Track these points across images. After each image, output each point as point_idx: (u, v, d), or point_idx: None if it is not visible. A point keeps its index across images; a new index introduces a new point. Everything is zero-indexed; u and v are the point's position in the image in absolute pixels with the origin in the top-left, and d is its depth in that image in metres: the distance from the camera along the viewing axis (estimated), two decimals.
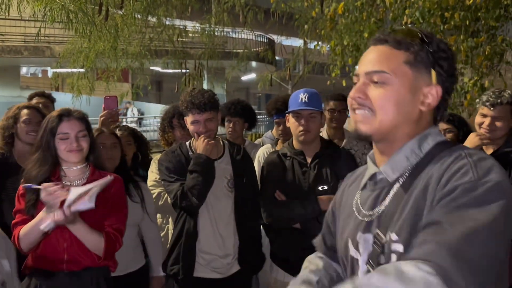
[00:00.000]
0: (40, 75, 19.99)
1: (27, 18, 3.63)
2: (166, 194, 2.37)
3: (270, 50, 11.57)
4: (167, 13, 5.22)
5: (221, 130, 2.63)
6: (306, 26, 5.86)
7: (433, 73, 0.86)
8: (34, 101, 2.87)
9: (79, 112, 1.85)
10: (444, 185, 0.77)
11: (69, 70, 6.44)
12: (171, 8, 5.18)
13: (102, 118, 2.46)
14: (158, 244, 2.39)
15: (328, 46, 5.71)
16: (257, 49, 12.80)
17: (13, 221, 1.80)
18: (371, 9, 4.72)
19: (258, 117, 3.30)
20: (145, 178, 2.59)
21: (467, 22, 3.73)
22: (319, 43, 6.17)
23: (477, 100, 2.16)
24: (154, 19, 5.26)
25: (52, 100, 3.01)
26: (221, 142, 2.27)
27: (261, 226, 2.37)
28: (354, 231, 0.94)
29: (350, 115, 0.93)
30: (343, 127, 2.97)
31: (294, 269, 1.23)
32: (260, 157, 2.79)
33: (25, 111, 2.33)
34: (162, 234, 2.63)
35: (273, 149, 2.76)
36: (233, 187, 2.18)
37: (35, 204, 1.74)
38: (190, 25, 6.82)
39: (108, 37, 4.21)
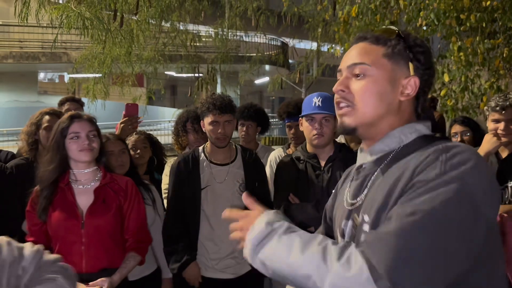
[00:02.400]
0: (57, 81, 20.37)
1: (45, 25, 3.71)
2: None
3: (283, 53, 11.58)
4: (181, 18, 5.27)
5: (234, 134, 2.65)
6: (319, 30, 5.85)
7: (411, 65, 0.90)
8: (65, 106, 2.90)
9: (88, 115, 1.89)
10: (412, 177, 0.79)
11: (85, 75, 6.55)
12: (184, 13, 5.23)
13: (122, 125, 2.48)
14: None
15: (342, 48, 5.69)
16: (270, 52, 12.82)
17: (27, 226, 1.84)
18: (385, 11, 4.69)
19: (271, 120, 3.30)
20: (159, 182, 2.62)
21: (484, 24, 3.67)
22: (333, 45, 6.15)
23: (485, 107, 2.12)
24: (168, 25, 5.31)
25: (81, 104, 3.05)
26: (233, 146, 2.30)
27: None
28: (341, 220, 0.98)
29: (336, 110, 0.95)
30: None
31: None
32: (272, 161, 2.79)
33: (46, 117, 2.36)
34: None
35: (285, 153, 2.76)
36: (245, 191, 2.19)
37: (46, 209, 1.77)
38: (204, 30, 6.87)
39: (123, 43, 4.27)
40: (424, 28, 4.52)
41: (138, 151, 2.54)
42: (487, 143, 1.98)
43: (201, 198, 2.15)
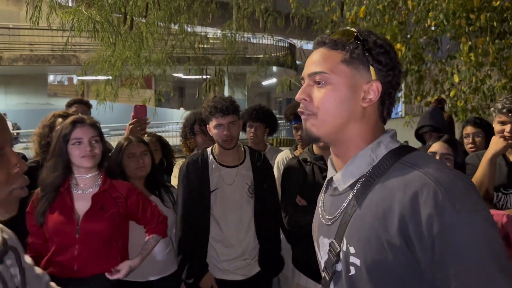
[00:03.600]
0: (66, 83, 20.57)
1: (55, 28, 3.75)
2: None
3: (291, 54, 11.56)
4: (189, 21, 5.29)
5: (242, 135, 2.65)
6: (327, 31, 5.84)
7: (372, 69, 0.87)
8: (73, 108, 2.92)
9: (91, 119, 1.87)
10: (426, 223, 0.75)
11: (94, 77, 6.60)
12: (192, 16, 5.25)
13: (131, 126, 2.50)
14: None
15: None
16: (277, 54, 12.82)
17: (27, 225, 1.85)
18: (393, 12, 4.67)
19: (279, 122, 3.31)
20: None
21: (494, 24, 3.64)
22: None
23: (492, 109, 2.10)
24: (176, 27, 5.33)
25: (89, 107, 3.08)
26: (242, 148, 2.30)
27: (281, 231, 2.38)
28: (318, 234, 0.98)
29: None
30: None
31: (316, 275, 1.22)
32: (279, 162, 2.79)
33: (59, 120, 2.37)
34: None
35: (292, 155, 2.76)
36: (254, 193, 2.20)
37: (44, 213, 1.77)
38: (211, 32, 6.89)
39: (133, 46, 4.30)
40: (433, 28, 4.50)
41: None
42: (494, 145, 1.95)
43: (211, 200, 2.16)
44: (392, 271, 0.79)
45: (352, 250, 0.84)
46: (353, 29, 0.89)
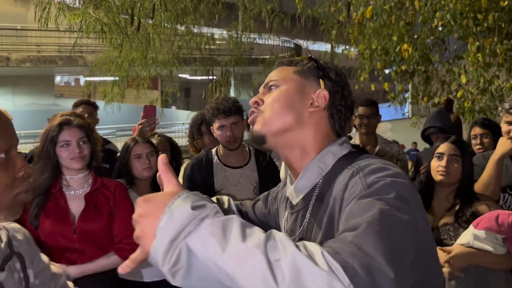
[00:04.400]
0: (73, 84, 20.71)
1: (62, 29, 3.78)
2: None
3: (297, 55, 11.55)
4: (195, 22, 5.31)
5: (246, 136, 2.66)
6: (333, 31, 5.84)
7: (321, 81, 0.94)
8: (80, 109, 2.93)
9: (79, 120, 1.85)
10: (343, 205, 0.77)
11: (100, 78, 6.64)
12: (199, 17, 5.27)
13: (140, 127, 2.51)
14: None
15: (356, 50, 5.66)
16: (284, 54, 12.82)
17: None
18: (400, 12, 4.66)
19: None
20: None
21: (502, 24, 3.61)
22: (347, 47, 6.12)
23: (499, 108, 2.08)
24: (183, 28, 5.35)
25: (96, 108, 3.09)
26: (247, 148, 2.29)
27: None
28: None
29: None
30: (375, 132, 2.92)
31: None
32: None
33: None
34: None
35: None
36: (259, 193, 2.20)
37: (38, 216, 1.77)
38: (218, 33, 6.91)
39: (140, 47, 4.33)
40: (440, 29, 4.47)
41: (159, 153, 2.57)
42: (502, 146, 1.93)
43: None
44: None
45: None
46: (309, 55, 0.99)
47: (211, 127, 2.21)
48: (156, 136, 2.62)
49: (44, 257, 1.00)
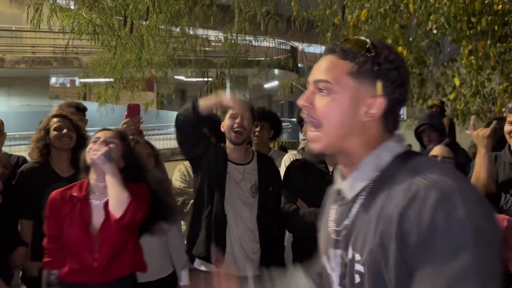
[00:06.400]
0: (68, 85, 20.62)
1: (56, 30, 3.76)
2: (191, 202, 2.40)
3: (292, 57, 11.58)
4: (190, 23, 5.30)
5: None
6: (328, 34, 5.85)
7: (378, 84, 0.85)
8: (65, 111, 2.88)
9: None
10: (402, 229, 0.75)
11: (95, 79, 6.62)
12: (194, 19, 5.26)
13: (124, 126, 2.47)
14: (183, 253, 2.41)
15: None
16: (279, 56, 12.83)
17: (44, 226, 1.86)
18: (395, 15, 4.67)
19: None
20: None
21: (495, 27, 3.63)
22: None
23: (503, 108, 2.09)
24: (178, 30, 5.35)
25: (83, 110, 2.96)
26: (250, 150, 2.32)
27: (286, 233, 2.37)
28: (326, 245, 0.95)
29: (306, 128, 0.92)
30: None
31: None
32: (285, 162, 2.79)
33: (54, 119, 2.40)
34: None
35: (299, 156, 2.76)
36: (256, 193, 2.19)
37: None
38: (213, 35, 6.91)
39: (134, 49, 4.31)
40: (434, 31, 4.49)
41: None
42: (479, 141, 1.97)
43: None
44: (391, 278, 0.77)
45: (357, 257, 0.83)
46: (367, 40, 0.86)
47: (222, 123, 2.22)
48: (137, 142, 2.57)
49: None
